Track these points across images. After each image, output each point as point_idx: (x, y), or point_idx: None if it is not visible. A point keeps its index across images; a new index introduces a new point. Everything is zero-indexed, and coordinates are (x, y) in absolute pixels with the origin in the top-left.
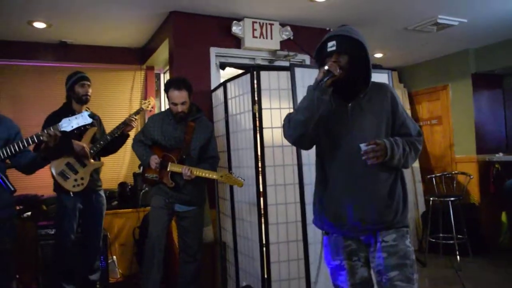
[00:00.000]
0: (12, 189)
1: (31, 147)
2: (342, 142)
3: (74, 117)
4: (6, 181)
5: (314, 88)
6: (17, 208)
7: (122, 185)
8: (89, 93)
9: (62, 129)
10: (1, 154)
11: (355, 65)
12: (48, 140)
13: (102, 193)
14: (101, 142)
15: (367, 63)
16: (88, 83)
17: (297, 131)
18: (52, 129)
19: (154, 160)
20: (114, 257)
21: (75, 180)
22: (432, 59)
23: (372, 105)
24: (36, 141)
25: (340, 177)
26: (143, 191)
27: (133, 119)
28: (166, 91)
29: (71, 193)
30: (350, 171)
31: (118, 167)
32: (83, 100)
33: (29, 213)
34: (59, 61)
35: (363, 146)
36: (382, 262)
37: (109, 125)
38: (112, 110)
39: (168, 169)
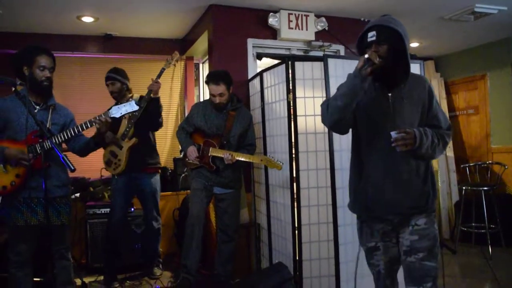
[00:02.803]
0: (73, 168)
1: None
2: (384, 130)
3: (123, 104)
4: (68, 160)
5: (354, 76)
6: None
7: (163, 169)
8: (113, 90)
9: (112, 116)
10: (59, 138)
11: (394, 55)
12: (100, 127)
13: (149, 172)
14: (132, 121)
15: (405, 53)
16: (110, 81)
17: (334, 116)
18: (103, 116)
19: (193, 154)
20: None
21: (115, 163)
22: (470, 47)
23: (412, 96)
24: (89, 126)
25: (380, 164)
26: (182, 175)
27: (155, 83)
28: (206, 83)
29: (115, 176)
30: (390, 158)
31: (159, 152)
32: (113, 97)
33: (78, 194)
34: (104, 53)
35: (393, 134)
36: (413, 243)
37: None
38: None
39: (209, 154)
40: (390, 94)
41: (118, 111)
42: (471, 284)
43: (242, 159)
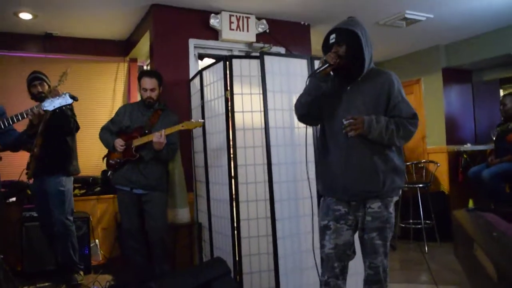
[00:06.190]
0: None
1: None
2: (339, 119)
3: (56, 97)
4: None
5: (314, 76)
6: (2, 190)
7: (105, 172)
8: (42, 90)
9: (44, 109)
10: None
11: (353, 53)
12: (33, 118)
13: (49, 177)
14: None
15: (361, 50)
16: (39, 82)
17: (300, 111)
18: (35, 108)
19: (119, 142)
20: (97, 240)
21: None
22: (406, 54)
23: (370, 88)
24: (20, 119)
25: (336, 150)
26: None
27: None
28: (139, 79)
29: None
30: (344, 145)
31: (102, 155)
32: (38, 98)
33: (14, 198)
34: (45, 52)
35: (344, 121)
36: (367, 224)
37: (93, 116)
38: (96, 101)
39: (132, 146)
40: (348, 88)
41: (51, 104)
42: (408, 276)
43: (169, 132)
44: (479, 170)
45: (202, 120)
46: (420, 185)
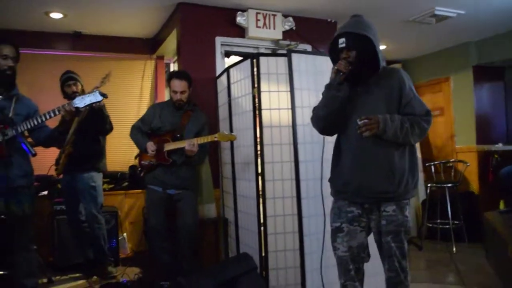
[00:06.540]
0: (34, 152)
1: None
2: (351, 121)
3: (86, 95)
4: (28, 145)
5: (329, 88)
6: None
7: (133, 167)
8: (76, 90)
9: (75, 106)
10: (22, 127)
11: (364, 57)
12: (65, 115)
13: (80, 173)
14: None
15: (375, 53)
16: (73, 82)
17: (320, 124)
18: (67, 105)
19: (150, 147)
20: (125, 234)
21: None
22: (435, 51)
23: (380, 88)
24: (52, 115)
25: (349, 151)
26: None
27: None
28: (168, 80)
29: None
30: (357, 146)
31: (130, 151)
32: (72, 98)
33: (46, 192)
34: (74, 51)
35: (358, 121)
36: (382, 228)
37: (120, 113)
38: (123, 98)
39: (164, 150)
40: (359, 89)
41: (82, 101)
42: (434, 276)
43: (202, 142)
44: (511, 170)
45: (235, 134)
46: (449, 185)
